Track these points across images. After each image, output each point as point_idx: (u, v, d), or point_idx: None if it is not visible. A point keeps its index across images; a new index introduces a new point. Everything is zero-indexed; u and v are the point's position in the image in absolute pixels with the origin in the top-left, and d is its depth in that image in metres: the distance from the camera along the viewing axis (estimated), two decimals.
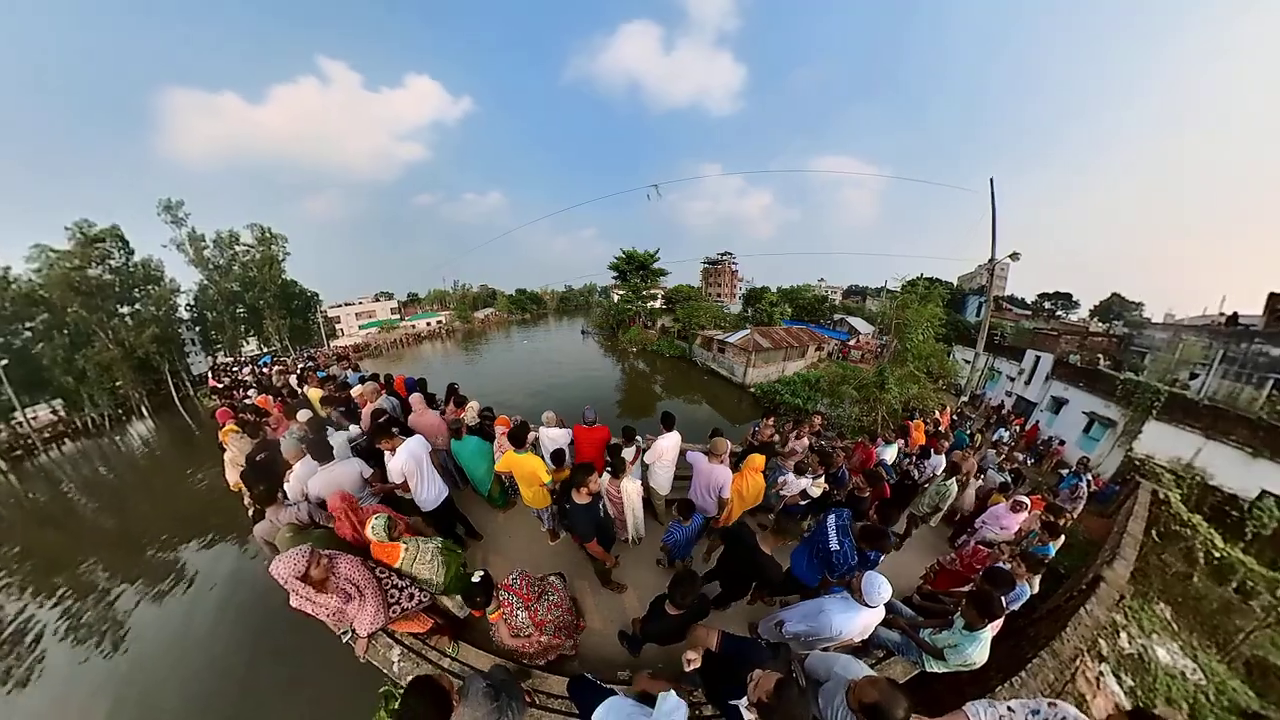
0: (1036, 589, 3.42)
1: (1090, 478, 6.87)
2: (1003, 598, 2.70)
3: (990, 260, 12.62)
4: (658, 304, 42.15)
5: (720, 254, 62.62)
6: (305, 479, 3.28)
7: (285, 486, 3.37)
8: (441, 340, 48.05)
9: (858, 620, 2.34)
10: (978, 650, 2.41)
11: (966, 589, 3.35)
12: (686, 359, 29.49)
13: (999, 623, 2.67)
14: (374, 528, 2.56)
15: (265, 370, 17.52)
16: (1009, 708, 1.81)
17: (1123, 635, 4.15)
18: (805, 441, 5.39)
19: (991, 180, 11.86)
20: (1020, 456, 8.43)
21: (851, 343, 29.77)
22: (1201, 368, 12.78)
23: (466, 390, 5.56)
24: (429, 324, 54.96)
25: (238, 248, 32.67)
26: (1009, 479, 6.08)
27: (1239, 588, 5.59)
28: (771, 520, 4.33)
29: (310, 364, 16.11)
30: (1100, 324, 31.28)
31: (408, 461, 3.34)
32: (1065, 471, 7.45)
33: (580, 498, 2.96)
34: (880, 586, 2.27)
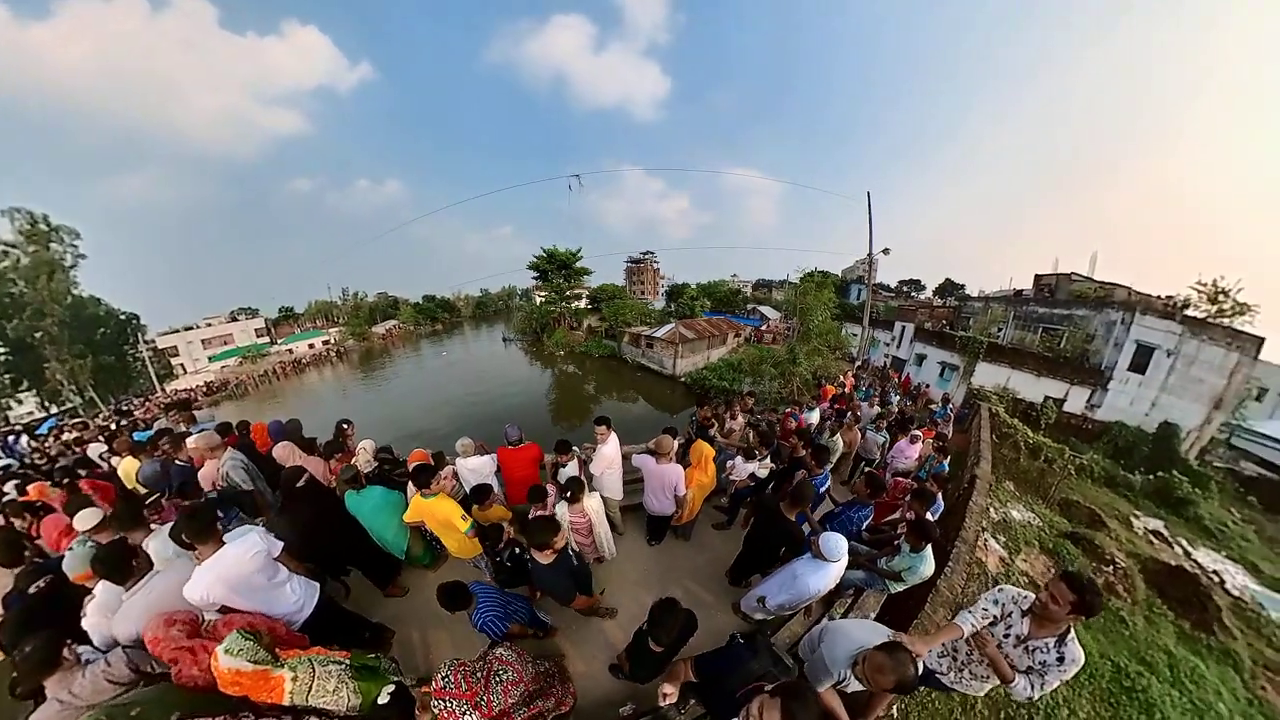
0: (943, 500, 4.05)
1: (951, 407, 8.93)
2: (930, 514, 3.25)
3: (869, 255, 15.37)
4: (583, 304, 41.64)
5: (643, 253, 64.56)
6: (109, 610, 2.10)
7: (85, 626, 2.12)
8: (332, 365, 38.45)
9: (829, 575, 2.52)
10: (926, 565, 2.80)
11: (898, 515, 3.81)
12: (616, 357, 29.46)
13: None
14: (227, 651, 1.62)
15: (43, 443, 11.43)
16: (983, 607, 2.05)
17: (991, 510, 5.57)
18: (741, 420, 5.58)
19: (869, 194, 14.54)
20: (905, 404, 10.45)
21: (764, 328, 33.06)
22: (1003, 324, 17.12)
23: (373, 425, 4.25)
24: (312, 346, 43.58)
25: None
26: (886, 437, 6.49)
27: (1045, 459, 8.40)
28: (725, 503, 4.49)
29: (124, 421, 11.24)
30: (939, 300, 39.86)
31: (213, 586, 2.08)
32: (934, 406, 9.47)
33: (545, 558, 2.50)
34: (838, 543, 2.46)
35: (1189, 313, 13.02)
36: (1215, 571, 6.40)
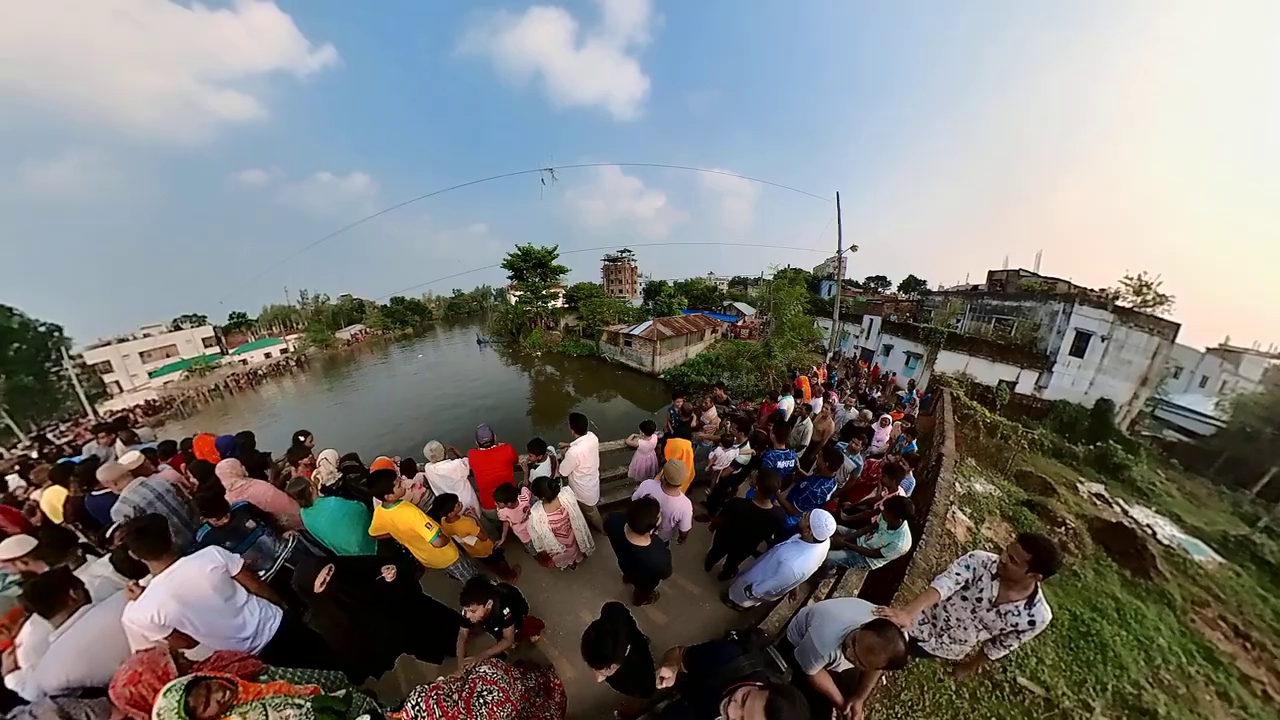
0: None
1: (916, 392, 9.54)
2: (903, 490, 3.40)
3: (838, 252, 16.03)
4: (559, 303, 41.01)
5: (620, 251, 64.23)
6: (39, 652, 1.84)
7: (13, 684, 1.82)
8: (292, 376, 35.64)
9: (813, 558, 2.53)
10: (904, 540, 2.91)
11: (873, 495, 3.92)
12: (595, 356, 29.27)
13: None
14: (162, 712, 1.41)
15: None
16: (956, 571, 2.10)
17: (957, 484, 5.98)
18: (714, 411, 5.63)
19: (838, 194, 15.16)
20: (875, 393, 11.01)
21: (740, 323, 33.85)
22: (961, 316, 18.31)
23: (341, 439, 3.88)
24: (269, 355, 40.40)
25: None
26: (859, 463, 6.73)
27: (1001, 436, 9.23)
28: (708, 494, 4.48)
29: (45, 449, 10.36)
30: (903, 295, 42.25)
31: (165, 604, 1.88)
32: (901, 392, 10.06)
33: (644, 541, 2.46)
34: (827, 522, 2.44)
35: (1119, 303, 14.66)
36: (1148, 525, 7.24)
